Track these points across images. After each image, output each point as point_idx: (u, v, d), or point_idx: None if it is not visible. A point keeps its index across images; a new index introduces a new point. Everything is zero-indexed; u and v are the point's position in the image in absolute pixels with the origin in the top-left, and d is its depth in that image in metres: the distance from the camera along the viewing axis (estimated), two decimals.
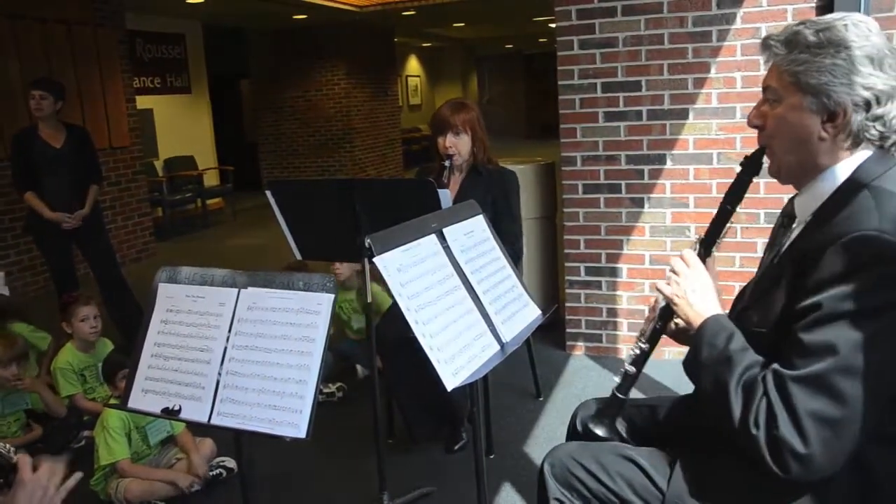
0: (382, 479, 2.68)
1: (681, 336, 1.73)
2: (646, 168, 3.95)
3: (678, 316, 1.61)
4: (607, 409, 1.78)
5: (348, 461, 3.22)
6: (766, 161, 1.55)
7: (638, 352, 1.71)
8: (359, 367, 4.12)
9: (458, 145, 3.17)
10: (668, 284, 1.60)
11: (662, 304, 1.67)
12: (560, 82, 4.05)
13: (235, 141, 13.06)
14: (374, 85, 13.77)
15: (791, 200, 1.56)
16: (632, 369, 1.71)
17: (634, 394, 3.61)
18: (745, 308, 1.58)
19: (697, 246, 1.65)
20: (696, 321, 1.53)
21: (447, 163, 3.13)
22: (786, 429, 1.28)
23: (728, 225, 1.63)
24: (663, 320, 1.69)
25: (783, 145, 1.47)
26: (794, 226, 1.54)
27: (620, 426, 1.80)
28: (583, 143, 4.04)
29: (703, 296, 1.55)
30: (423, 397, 3.11)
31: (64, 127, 4.72)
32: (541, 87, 21.61)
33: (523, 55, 22.43)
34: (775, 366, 1.34)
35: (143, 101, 8.87)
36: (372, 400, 2.58)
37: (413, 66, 19.45)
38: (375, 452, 2.67)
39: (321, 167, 13.06)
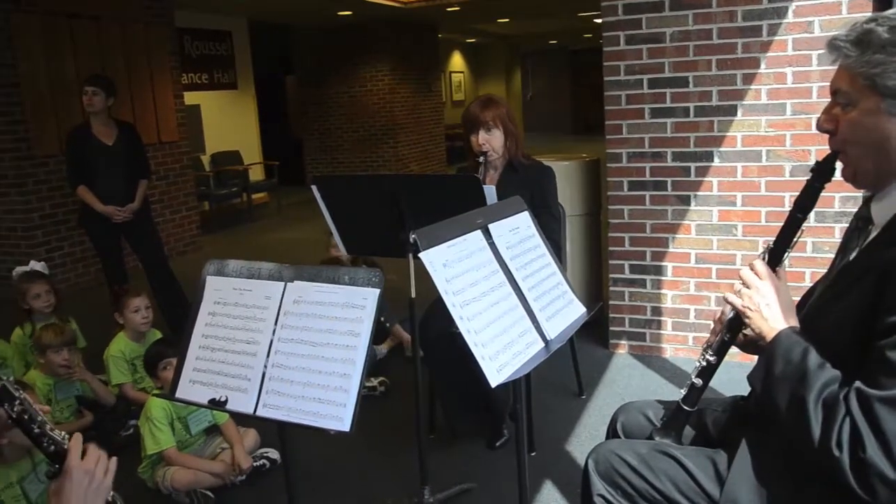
0: (424, 474, 2.68)
1: (750, 347, 1.69)
2: (692, 165, 3.89)
3: (748, 328, 1.57)
4: (673, 420, 1.76)
5: (389, 455, 3.24)
6: (839, 166, 1.49)
7: (705, 364, 1.68)
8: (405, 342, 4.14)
9: (491, 141, 3.16)
10: (739, 296, 1.56)
11: (730, 315, 1.64)
12: (606, 78, 4.01)
13: (280, 136, 13.21)
14: (417, 81, 13.80)
15: (866, 203, 1.49)
16: (699, 382, 1.69)
17: (675, 393, 3.56)
18: (812, 313, 1.54)
19: (766, 255, 1.60)
20: (770, 334, 1.48)
21: (481, 160, 3.13)
22: (874, 453, 1.23)
23: (799, 234, 1.57)
24: (732, 332, 1.66)
25: (859, 150, 1.41)
26: (870, 228, 1.48)
27: (686, 438, 1.78)
28: (629, 139, 4.00)
29: (776, 308, 1.50)
30: (466, 393, 3.11)
31: (115, 123, 4.83)
32: (586, 83, 21.47)
33: (568, 51, 22.27)
34: (859, 384, 1.29)
35: (190, 97, 9.02)
36: (414, 395, 2.58)
37: (457, 61, 19.44)
38: (417, 447, 2.68)
39: (364, 163, 13.14)
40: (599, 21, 4.09)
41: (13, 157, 6.41)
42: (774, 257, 1.59)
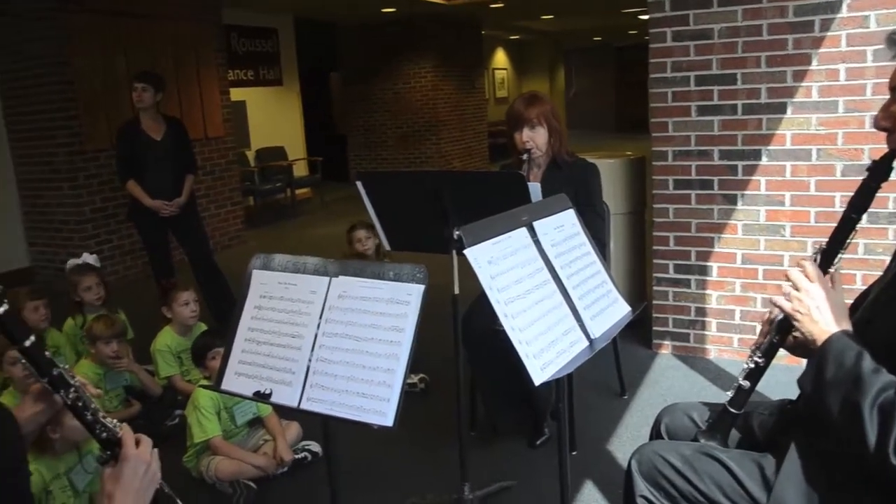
0: (464, 471, 2.68)
1: (799, 350, 1.66)
2: (740, 164, 3.83)
3: (798, 331, 1.54)
4: (719, 423, 1.74)
5: (429, 451, 3.25)
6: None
7: (752, 366, 1.66)
8: None
9: (535, 139, 3.14)
10: (788, 299, 1.53)
11: (779, 317, 1.61)
12: (652, 75, 3.96)
13: (324, 132, 13.32)
14: (460, 78, 13.80)
15: None
16: (746, 384, 1.67)
17: (719, 395, 3.52)
18: (867, 316, 1.50)
19: (818, 257, 1.56)
20: (821, 337, 1.45)
21: (525, 157, 3.11)
22: None
23: (852, 235, 1.54)
24: (781, 335, 1.63)
25: None
26: None
27: (731, 441, 1.76)
28: (674, 137, 3.95)
29: (827, 311, 1.47)
30: (507, 390, 3.10)
31: (163, 119, 4.92)
32: (631, 80, 21.24)
33: (613, 47, 22.05)
34: None
35: (236, 94, 9.14)
36: (456, 391, 2.58)
37: (500, 58, 19.38)
38: (457, 444, 2.69)
39: (407, 159, 13.19)
40: (645, 17, 4.05)
41: (66, 152, 6.58)
42: (826, 259, 1.55)
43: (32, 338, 1.28)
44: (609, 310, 1.89)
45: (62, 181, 6.68)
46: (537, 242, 1.76)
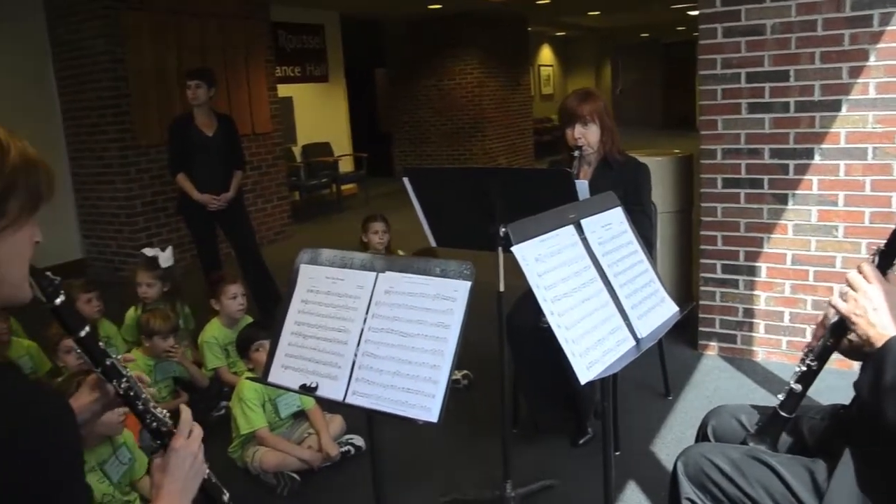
0: (506, 468, 2.68)
1: (854, 353, 1.62)
2: (791, 163, 3.75)
3: (853, 333, 1.50)
4: (769, 426, 1.71)
5: (472, 447, 3.25)
6: None
7: (805, 369, 1.62)
8: None
9: (587, 136, 3.11)
10: (845, 301, 1.49)
11: (834, 319, 1.57)
12: (701, 72, 3.90)
13: (369, 128, 13.39)
14: (506, 74, 13.76)
15: None
16: (798, 387, 1.64)
17: (767, 398, 3.45)
18: None
19: (876, 258, 1.52)
20: (878, 341, 1.41)
21: (576, 154, 3.09)
22: None
23: None
24: (835, 337, 1.59)
25: None
26: None
27: (781, 445, 1.72)
28: (724, 135, 3.88)
29: (885, 313, 1.43)
30: (551, 388, 3.09)
31: (215, 116, 5.00)
32: (678, 77, 20.96)
33: (660, 44, 21.76)
34: None
35: (283, 90, 9.23)
36: (499, 388, 2.58)
37: (546, 55, 19.27)
38: (500, 441, 2.68)
39: (452, 156, 13.20)
40: (694, 13, 3.99)
41: (119, 147, 6.73)
42: (885, 260, 1.51)
43: (87, 328, 1.31)
44: (656, 309, 1.86)
45: (114, 175, 6.84)
46: (584, 240, 1.74)
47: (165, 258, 4.21)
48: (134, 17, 6.74)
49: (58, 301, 1.24)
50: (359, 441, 3.26)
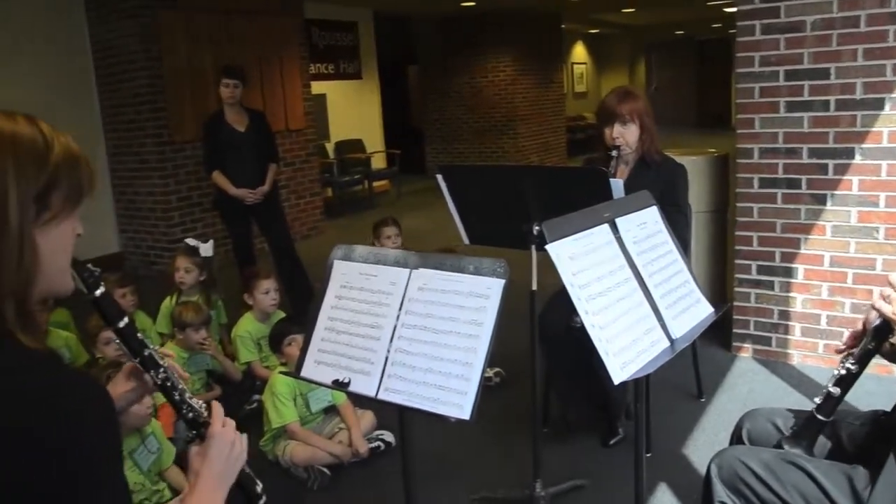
0: (536, 467, 2.67)
1: None
2: (830, 162, 3.68)
3: None
4: (805, 430, 1.68)
5: (502, 445, 3.25)
6: None
7: (844, 372, 1.59)
8: None
9: (626, 135, 3.08)
10: (888, 302, 1.46)
11: (876, 322, 1.54)
12: (738, 70, 3.85)
13: (402, 125, 13.41)
14: (539, 72, 13.70)
15: None
16: (836, 391, 1.61)
17: (802, 402, 3.40)
18: None
19: None
20: None
21: (614, 153, 3.05)
22: None
23: None
24: (877, 340, 1.56)
25: None
26: None
27: (817, 450, 1.70)
28: (761, 134, 3.82)
29: None
30: (583, 387, 3.08)
31: (246, 112, 5.04)
32: (713, 75, 20.71)
33: (695, 41, 21.52)
34: None
35: (317, 87, 9.28)
36: (531, 387, 2.57)
37: (579, 52, 19.16)
38: (530, 439, 2.68)
39: (484, 153, 13.18)
40: (731, 10, 3.93)
41: (155, 143, 6.83)
42: None
43: (126, 319, 1.33)
44: (691, 310, 1.84)
45: (151, 171, 6.93)
46: (619, 239, 1.73)
47: (206, 249, 4.27)
48: (169, 15, 6.82)
49: (98, 292, 1.26)
50: (389, 437, 3.27)
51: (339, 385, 1.72)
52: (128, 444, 2.65)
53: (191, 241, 4.32)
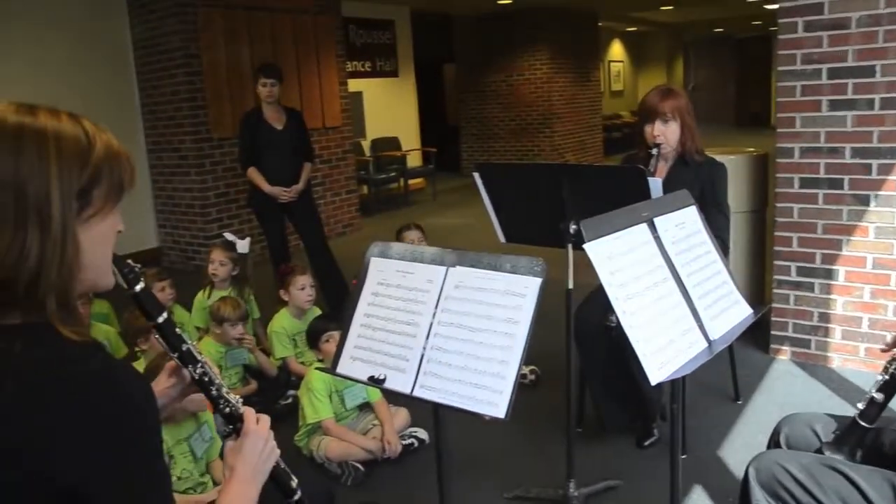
0: (570, 467, 2.66)
1: None
2: (874, 162, 3.61)
3: None
4: (847, 436, 1.65)
5: (536, 445, 3.24)
6: None
7: (888, 378, 1.56)
8: None
9: (666, 133, 3.05)
10: None
11: None
12: (780, 68, 3.79)
13: (438, 123, 13.43)
14: (576, 70, 13.62)
15: None
16: (880, 397, 1.58)
17: (842, 407, 3.33)
18: None
19: None
20: None
21: (654, 151, 3.02)
22: None
23: None
24: None
25: None
26: None
27: (860, 456, 1.67)
28: (802, 133, 3.76)
29: None
30: (618, 388, 3.05)
31: (283, 110, 5.09)
32: (752, 73, 20.42)
33: (734, 39, 21.23)
34: None
35: (354, 85, 9.33)
36: (565, 386, 2.56)
37: (616, 50, 19.00)
38: (564, 439, 2.67)
39: (520, 151, 13.15)
40: (772, 7, 3.86)
41: (194, 140, 6.92)
42: None
43: (165, 315, 1.35)
44: (730, 311, 1.82)
45: (189, 167, 7.03)
46: (657, 239, 1.71)
47: (242, 245, 4.33)
48: (209, 13, 6.91)
49: (137, 288, 1.28)
50: (423, 434, 3.28)
51: (375, 382, 1.73)
52: (185, 428, 2.71)
53: (229, 236, 4.38)
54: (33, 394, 0.96)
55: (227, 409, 1.37)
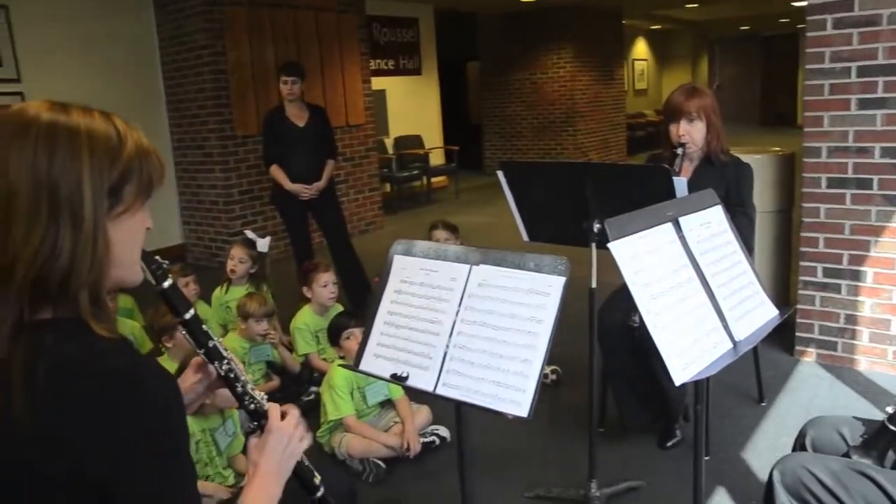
0: (592, 467, 2.66)
1: None
2: None
3: None
4: (876, 440, 1.63)
5: (557, 444, 3.23)
6: None
7: None
8: None
9: (692, 133, 3.02)
10: None
11: None
12: (808, 66, 3.74)
13: (461, 122, 13.41)
14: (599, 68, 13.56)
15: None
16: None
17: (869, 410, 3.29)
18: None
19: None
20: None
21: (679, 151, 3.00)
22: None
23: None
24: None
25: None
26: None
27: (889, 461, 1.64)
28: (830, 132, 3.71)
29: None
30: (640, 388, 3.04)
31: (306, 107, 5.11)
32: (778, 72, 20.19)
33: (760, 37, 21.00)
34: None
35: (377, 83, 9.35)
36: (588, 386, 2.55)
37: (640, 49, 18.89)
38: (585, 439, 2.66)
39: (543, 150, 13.11)
40: (800, 4, 3.82)
41: (218, 137, 6.97)
42: None
43: (192, 311, 1.36)
44: (755, 312, 1.80)
45: (214, 164, 7.09)
46: (682, 238, 1.70)
47: (262, 244, 4.36)
48: (234, 11, 6.96)
49: (165, 284, 1.29)
50: (444, 432, 3.28)
51: (397, 379, 1.73)
52: (211, 421, 2.75)
53: (249, 234, 4.42)
54: (64, 388, 0.97)
55: (252, 406, 1.38)
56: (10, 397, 0.96)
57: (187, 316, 1.35)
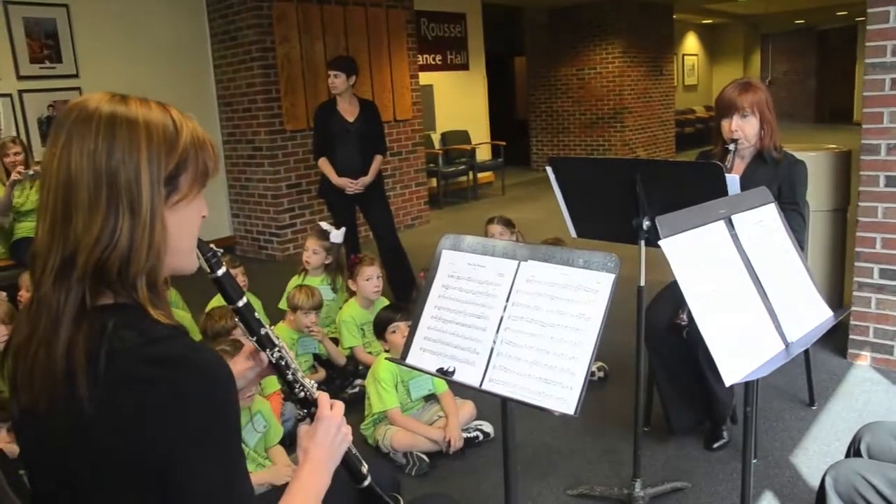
0: (636, 466, 2.63)
1: None
2: None
3: None
4: None
5: (602, 442, 3.20)
6: None
7: None
8: None
9: (745, 129, 2.97)
10: None
11: None
12: (867, 60, 3.64)
13: (507, 117, 13.36)
14: (648, 63, 13.37)
15: None
16: None
17: None
18: None
19: None
20: None
21: (731, 147, 2.95)
22: None
23: None
24: None
25: None
26: None
27: None
28: (890, 129, 3.61)
29: None
30: (687, 388, 3.00)
31: (358, 102, 5.14)
32: (834, 67, 19.69)
33: (815, 31, 20.49)
34: None
35: (424, 78, 9.37)
36: (634, 385, 2.53)
37: (691, 44, 18.58)
38: (631, 437, 2.63)
39: (590, 146, 12.99)
40: None
41: (268, 131, 7.07)
42: None
43: (245, 299, 1.38)
44: (808, 313, 1.77)
45: (263, 158, 7.19)
46: (735, 237, 1.67)
47: (336, 235, 4.41)
48: (284, 7, 7.04)
49: (220, 272, 1.31)
50: (487, 428, 3.28)
51: (444, 373, 1.74)
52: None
53: (323, 225, 4.48)
54: (124, 371, 1.00)
55: (303, 394, 1.40)
56: (74, 380, 1.00)
57: (240, 303, 1.37)
